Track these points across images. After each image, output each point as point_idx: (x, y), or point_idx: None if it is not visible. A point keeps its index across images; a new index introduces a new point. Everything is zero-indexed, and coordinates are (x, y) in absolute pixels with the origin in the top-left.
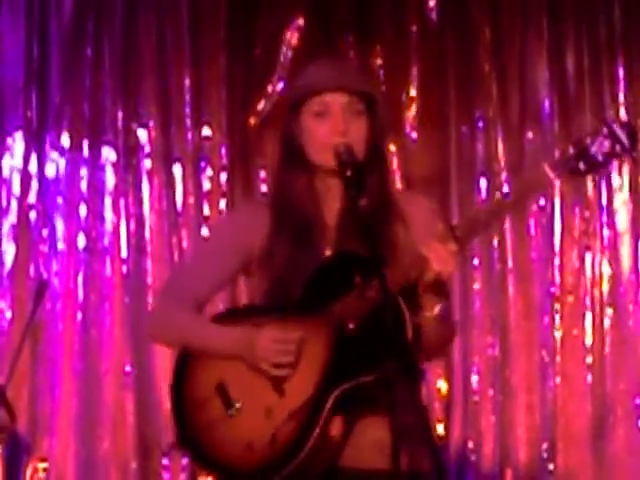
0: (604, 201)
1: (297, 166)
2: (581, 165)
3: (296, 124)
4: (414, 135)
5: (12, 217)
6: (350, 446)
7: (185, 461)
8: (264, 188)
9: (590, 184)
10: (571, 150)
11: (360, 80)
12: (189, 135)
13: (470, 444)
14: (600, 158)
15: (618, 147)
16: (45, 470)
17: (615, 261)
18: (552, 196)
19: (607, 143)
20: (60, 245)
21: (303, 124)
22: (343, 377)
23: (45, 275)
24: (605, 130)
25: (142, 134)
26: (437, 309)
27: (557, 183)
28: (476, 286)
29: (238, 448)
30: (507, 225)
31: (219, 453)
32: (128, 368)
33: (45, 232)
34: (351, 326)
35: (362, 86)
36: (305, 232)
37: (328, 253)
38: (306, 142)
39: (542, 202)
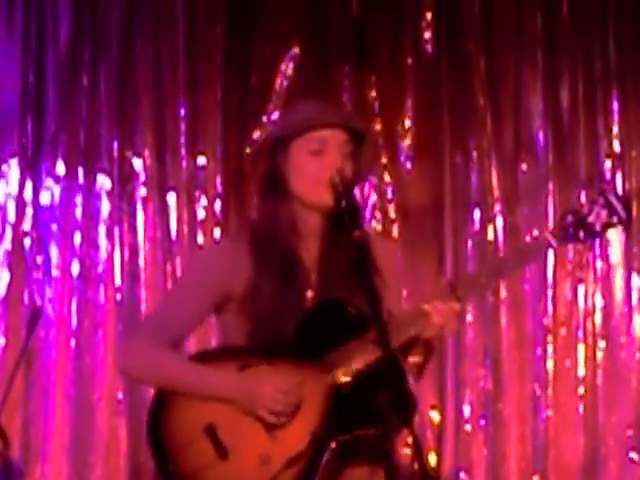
0: None
1: (281, 201)
2: (580, 234)
3: (284, 159)
4: (409, 165)
5: (6, 244)
6: None
7: None
8: None
9: None
10: (570, 218)
11: (357, 119)
12: (184, 164)
13: (462, 475)
14: (598, 228)
15: (615, 218)
16: None
17: (608, 293)
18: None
19: (604, 213)
20: (54, 272)
21: (294, 159)
22: (340, 428)
23: (39, 302)
24: (602, 200)
25: (137, 162)
26: (418, 359)
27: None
28: (469, 317)
29: None
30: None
31: None
32: (121, 395)
33: (39, 259)
34: (346, 379)
35: (360, 125)
36: (289, 271)
37: (310, 295)
38: (296, 177)
39: (535, 233)
